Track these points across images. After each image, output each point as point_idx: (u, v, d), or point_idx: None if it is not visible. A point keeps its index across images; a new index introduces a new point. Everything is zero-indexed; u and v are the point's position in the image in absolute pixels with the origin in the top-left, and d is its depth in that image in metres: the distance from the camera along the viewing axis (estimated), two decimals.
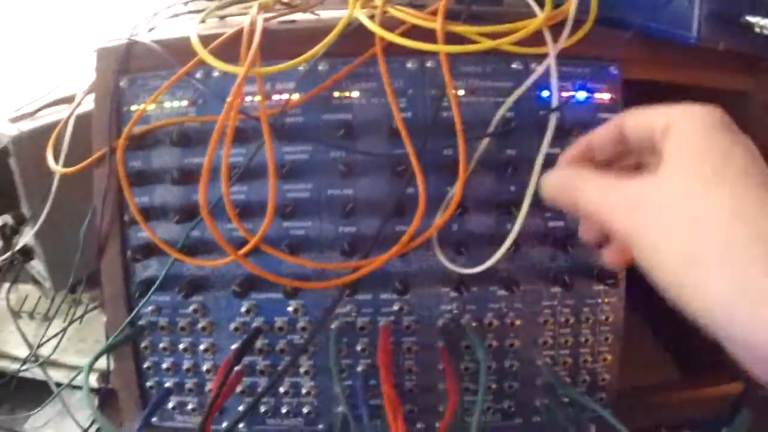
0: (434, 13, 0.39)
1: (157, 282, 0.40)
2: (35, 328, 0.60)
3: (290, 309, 0.41)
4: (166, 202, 0.41)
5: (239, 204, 0.40)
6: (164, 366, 0.43)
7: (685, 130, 0.24)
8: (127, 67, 0.41)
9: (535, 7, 0.40)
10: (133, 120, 0.40)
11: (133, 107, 0.41)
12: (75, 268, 0.54)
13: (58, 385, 0.56)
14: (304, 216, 0.40)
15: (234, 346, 0.42)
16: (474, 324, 0.41)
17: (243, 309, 0.41)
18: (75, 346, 0.57)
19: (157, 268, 0.42)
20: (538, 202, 0.35)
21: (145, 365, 0.44)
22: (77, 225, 0.54)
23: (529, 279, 0.41)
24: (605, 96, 0.41)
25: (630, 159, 0.30)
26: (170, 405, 0.44)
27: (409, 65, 0.40)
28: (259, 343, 0.42)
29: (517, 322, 0.42)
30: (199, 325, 0.42)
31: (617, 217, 0.25)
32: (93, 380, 0.55)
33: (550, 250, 0.41)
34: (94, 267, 0.55)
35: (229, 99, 0.36)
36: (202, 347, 0.43)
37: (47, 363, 0.57)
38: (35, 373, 0.58)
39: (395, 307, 0.41)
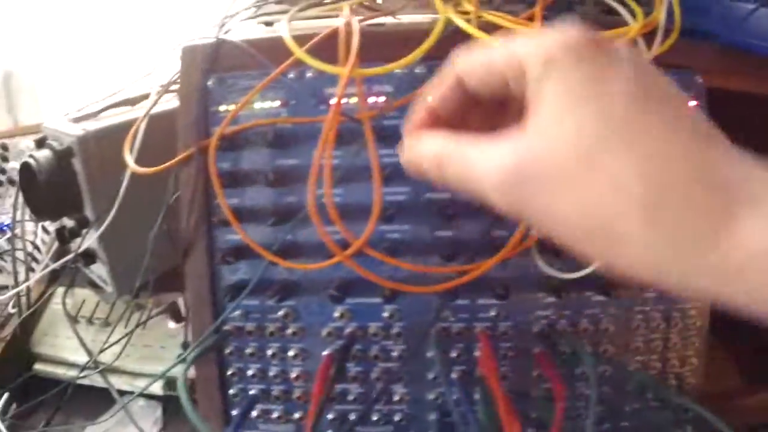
0: (530, 19, 0.38)
1: (251, 285, 0.38)
2: (93, 334, 0.57)
3: (385, 314, 0.39)
4: (257, 204, 0.39)
5: (336, 207, 0.37)
6: (250, 372, 0.41)
7: (545, 72, 0.19)
8: (215, 66, 0.39)
9: (627, 16, 0.39)
10: (227, 119, 0.38)
11: (221, 107, 0.39)
12: (141, 273, 0.52)
13: (121, 393, 0.53)
14: (401, 219, 0.38)
15: (325, 352, 0.40)
16: (569, 330, 0.39)
17: (336, 314, 0.39)
18: (138, 352, 0.54)
19: (246, 271, 0.40)
20: None
21: (229, 372, 0.41)
22: (142, 228, 0.51)
23: (623, 283, 0.39)
24: (691, 104, 0.40)
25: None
26: (254, 413, 0.41)
27: None
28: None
29: (611, 328, 0.40)
30: (289, 330, 0.40)
31: (494, 194, 0.20)
32: (157, 388, 0.53)
33: None
34: (159, 271, 0.53)
35: (333, 100, 0.34)
36: (291, 353, 0.40)
37: (108, 370, 0.54)
38: (94, 380, 0.55)
39: (492, 313, 0.39)
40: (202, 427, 0.33)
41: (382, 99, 0.38)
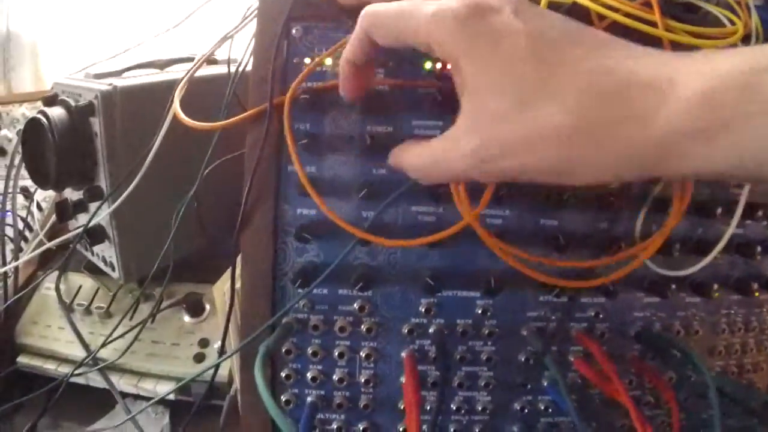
0: (645, 4, 0.31)
1: (329, 269, 0.27)
2: (90, 325, 0.43)
3: (478, 311, 0.30)
4: (338, 175, 0.29)
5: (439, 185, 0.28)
6: (310, 375, 0.30)
7: (454, 58, 0.19)
8: (301, 14, 0.29)
9: (725, 20, 0.33)
10: (307, 70, 0.28)
11: (307, 60, 0.29)
12: (155, 258, 0.39)
13: (122, 395, 0.40)
14: (503, 203, 0.30)
15: (405, 353, 0.30)
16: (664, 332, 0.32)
17: (422, 308, 0.29)
18: (147, 349, 0.41)
19: (317, 253, 0.29)
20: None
21: (283, 373, 0.30)
22: (163, 206, 0.39)
23: (719, 283, 0.33)
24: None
25: None
26: None
27: None
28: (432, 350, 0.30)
29: (700, 331, 0.33)
30: (364, 326, 0.29)
31: (471, 174, 0.21)
32: (165, 390, 0.40)
33: (730, 257, 0.34)
34: (176, 258, 0.40)
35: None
36: (363, 353, 0.30)
37: (108, 367, 0.40)
38: (90, 378, 0.41)
39: (590, 312, 0.31)
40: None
41: None
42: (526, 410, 0.31)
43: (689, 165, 0.18)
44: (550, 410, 0.31)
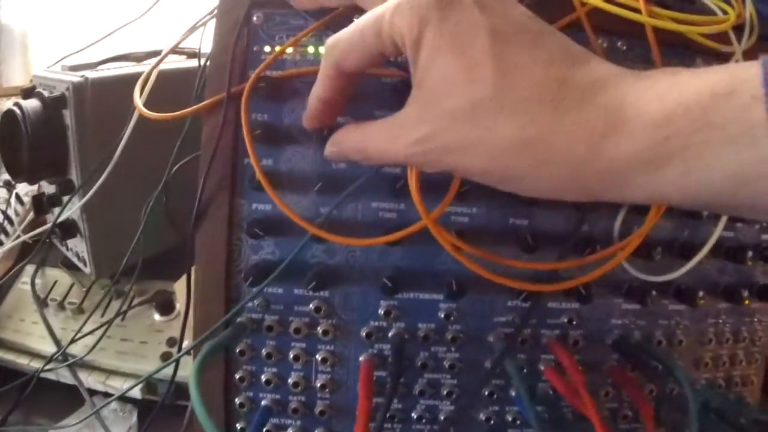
0: None
1: (283, 264, 0.26)
2: (63, 321, 0.42)
3: (441, 315, 0.28)
4: (294, 167, 0.27)
5: (398, 180, 0.26)
6: (264, 378, 0.28)
7: (415, 50, 0.18)
8: (263, 0, 0.28)
9: (717, 10, 0.31)
10: (270, 58, 0.26)
11: (267, 48, 0.27)
12: (126, 254, 0.38)
13: (91, 392, 0.39)
14: (470, 201, 0.27)
15: (363, 357, 0.28)
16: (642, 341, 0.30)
17: (382, 310, 0.28)
18: (115, 347, 0.39)
19: (272, 250, 0.28)
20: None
21: (237, 375, 0.28)
22: (134, 201, 0.38)
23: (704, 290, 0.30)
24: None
25: None
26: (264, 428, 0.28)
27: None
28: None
29: (684, 341, 0.30)
30: (320, 328, 0.28)
31: (412, 160, 0.20)
32: (135, 389, 0.38)
33: (719, 261, 0.31)
34: (148, 254, 0.39)
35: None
36: (319, 356, 0.28)
37: (77, 364, 0.39)
38: (60, 374, 0.39)
39: (563, 319, 0.29)
40: None
41: None
42: (492, 421, 0.29)
43: (636, 194, 0.17)
44: (518, 422, 0.29)
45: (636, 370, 0.29)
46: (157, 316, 0.41)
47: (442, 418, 0.28)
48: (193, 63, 0.43)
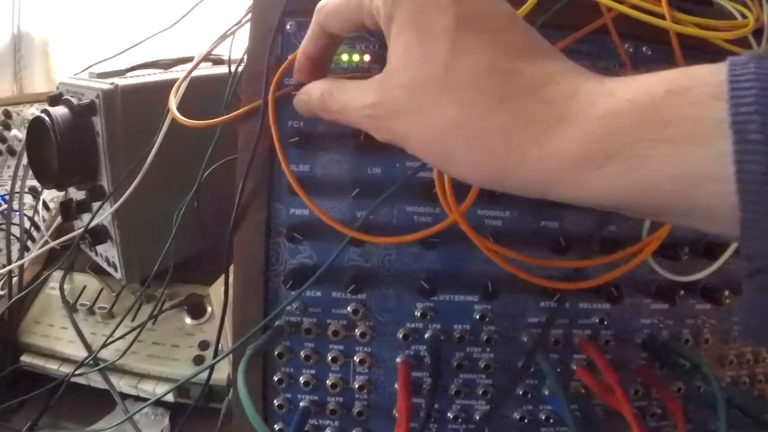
0: None
1: (320, 270, 0.26)
2: (92, 326, 0.41)
3: (476, 315, 0.28)
4: (330, 173, 0.27)
5: (433, 185, 0.26)
6: (302, 379, 0.28)
7: (388, 23, 0.19)
8: (296, 8, 0.28)
9: (736, 14, 0.31)
10: (285, 64, 0.26)
11: None
12: (157, 258, 0.38)
13: (122, 396, 0.38)
14: (502, 204, 0.28)
15: (399, 358, 0.28)
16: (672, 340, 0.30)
17: (418, 312, 0.28)
18: (146, 350, 0.39)
19: (309, 254, 0.28)
20: None
21: (275, 377, 0.28)
22: (165, 206, 0.38)
23: (731, 289, 0.30)
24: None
25: None
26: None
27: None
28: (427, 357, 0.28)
29: (710, 339, 0.30)
30: (358, 330, 0.28)
31: (365, 124, 0.20)
32: (163, 392, 0.38)
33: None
34: (179, 259, 0.39)
35: None
36: (357, 358, 0.28)
37: (109, 368, 0.39)
38: (91, 378, 0.39)
39: (594, 319, 0.29)
40: None
41: None
42: (526, 420, 0.29)
43: (574, 193, 0.16)
44: (551, 420, 0.29)
45: (664, 369, 0.29)
46: (188, 320, 0.41)
47: (477, 417, 0.28)
48: (219, 69, 0.43)
